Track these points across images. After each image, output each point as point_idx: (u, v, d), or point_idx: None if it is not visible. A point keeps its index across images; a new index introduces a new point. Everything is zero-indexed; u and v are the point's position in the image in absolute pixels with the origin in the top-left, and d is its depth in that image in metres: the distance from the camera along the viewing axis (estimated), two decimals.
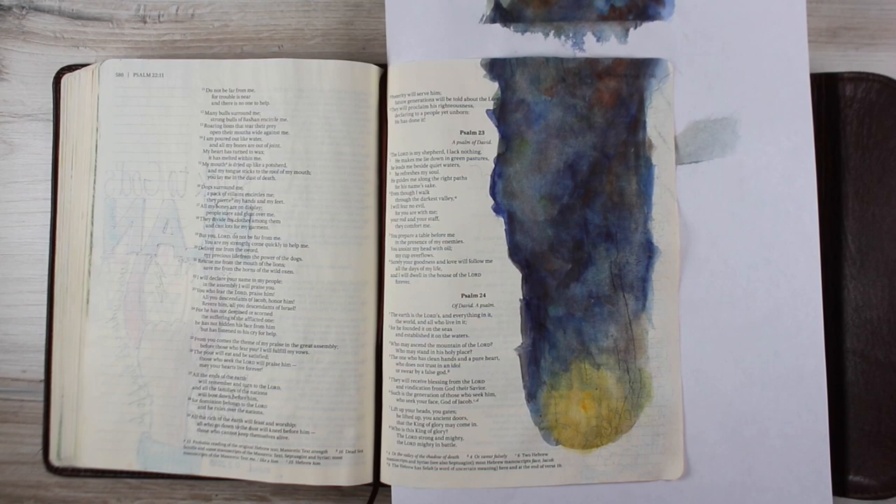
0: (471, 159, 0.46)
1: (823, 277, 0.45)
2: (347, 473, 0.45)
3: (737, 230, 0.46)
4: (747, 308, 0.46)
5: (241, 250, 0.46)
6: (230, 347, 0.46)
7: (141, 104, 0.47)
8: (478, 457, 0.45)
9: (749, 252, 0.46)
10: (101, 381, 0.46)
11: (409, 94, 0.46)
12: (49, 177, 0.49)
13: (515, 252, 0.46)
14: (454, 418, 0.45)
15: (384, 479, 0.46)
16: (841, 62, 0.49)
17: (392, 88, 0.47)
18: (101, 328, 0.46)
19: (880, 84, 0.47)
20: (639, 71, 0.46)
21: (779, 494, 0.45)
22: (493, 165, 0.46)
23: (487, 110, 0.46)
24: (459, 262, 0.46)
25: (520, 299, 0.46)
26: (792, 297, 0.45)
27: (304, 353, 0.45)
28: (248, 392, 0.46)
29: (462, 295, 0.45)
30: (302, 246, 0.46)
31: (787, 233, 0.46)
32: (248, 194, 0.46)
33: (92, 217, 0.47)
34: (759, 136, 0.46)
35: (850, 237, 0.46)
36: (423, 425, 0.45)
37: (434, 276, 0.46)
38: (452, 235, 0.46)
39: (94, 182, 0.47)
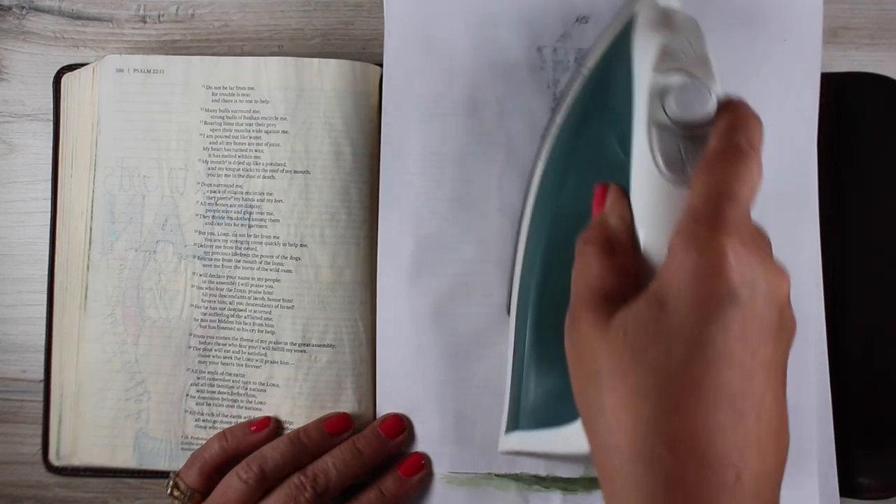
0: None
1: (824, 278, 0.45)
2: None
3: None
4: None
5: (240, 248, 0.46)
6: (229, 345, 0.46)
7: (141, 100, 0.47)
8: None
9: None
10: (99, 376, 0.46)
11: None
12: (49, 177, 0.49)
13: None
14: None
15: None
16: (841, 62, 0.49)
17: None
18: (99, 324, 0.46)
19: (881, 84, 0.47)
20: None
21: (785, 496, 0.45)
22: None
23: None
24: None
25: None
26: (794, 298, 0.45)
27: (302, 351, 0.45)
28: (246, 389, 0.46)
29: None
30: (301, 245, 0.46)
31: (788, 233, 0.45)
32: (247, 193, 0.46)
33: (91, 213, 0.47)
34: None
35: (850, 238, 0.46)
36: None
37: None
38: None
39: (94, 178, 0.47)
